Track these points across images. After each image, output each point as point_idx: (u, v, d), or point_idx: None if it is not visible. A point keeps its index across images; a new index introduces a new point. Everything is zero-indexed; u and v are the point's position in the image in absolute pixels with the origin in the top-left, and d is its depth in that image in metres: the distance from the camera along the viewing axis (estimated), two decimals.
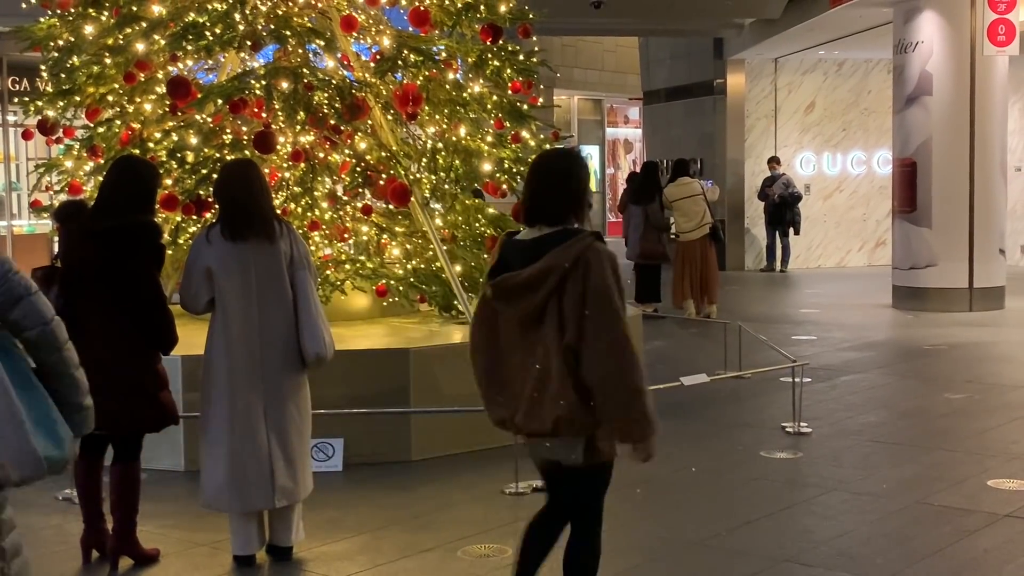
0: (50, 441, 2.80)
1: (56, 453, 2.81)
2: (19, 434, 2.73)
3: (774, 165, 19.19)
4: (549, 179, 3.65)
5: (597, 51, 28.83)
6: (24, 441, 2.73)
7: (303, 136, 7.58)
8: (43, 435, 2.80)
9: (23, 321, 2.89)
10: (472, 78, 8.18)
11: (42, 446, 2.78)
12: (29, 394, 2.80)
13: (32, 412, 2.78)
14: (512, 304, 3.58)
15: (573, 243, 3.50)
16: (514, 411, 3.65)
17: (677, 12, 17.48)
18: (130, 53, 7.54)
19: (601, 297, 3.46)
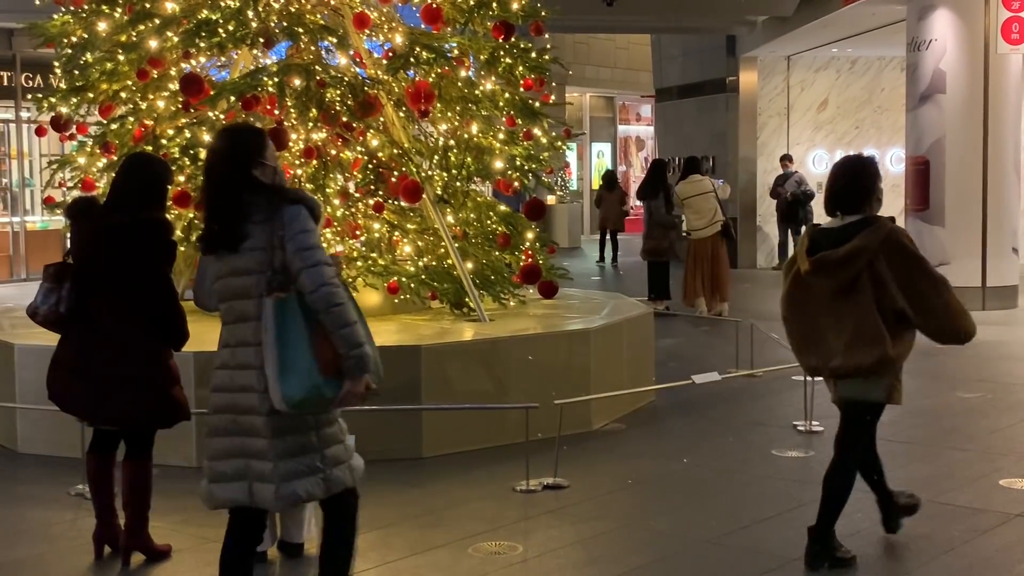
0: (294, 384, 3.48)
1: (295, 394, 3.48)
2: (270, 376, 3.51)
3: (786, 163, 19.15)
4: (847, 178, 4.77)
5: (609, 48, 28.81)
6: (272, 382, 3.50)
7: (315, 133, 7.60)
8: (291, 380, 3.49)
9: (304, 286, 3.56)
10: (484, 75, 8.19)
11: (284, 387, 3.48)
12: (297, 346, 3.51)
13: (289, 361, 3.49)
14: (830, 276, 4.65)
15: (877, 227, 4.61)
16: (827, 360, 4.72)
17: (689, 9, 17.45)
18: (143, 50, 7.56)
19: (918, 266, 4.67)
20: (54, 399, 4.92)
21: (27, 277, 17.04)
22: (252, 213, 3.65)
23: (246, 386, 3.63)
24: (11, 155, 18.18)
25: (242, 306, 3.68)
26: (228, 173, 3.72)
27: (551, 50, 8.53)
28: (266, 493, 3.62)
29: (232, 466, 3.66)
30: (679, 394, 8.11)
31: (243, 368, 3.65)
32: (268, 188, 3.72)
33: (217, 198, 3.75)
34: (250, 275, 3.64)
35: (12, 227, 17.83)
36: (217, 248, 3.72)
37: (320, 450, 3.67)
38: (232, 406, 3.66)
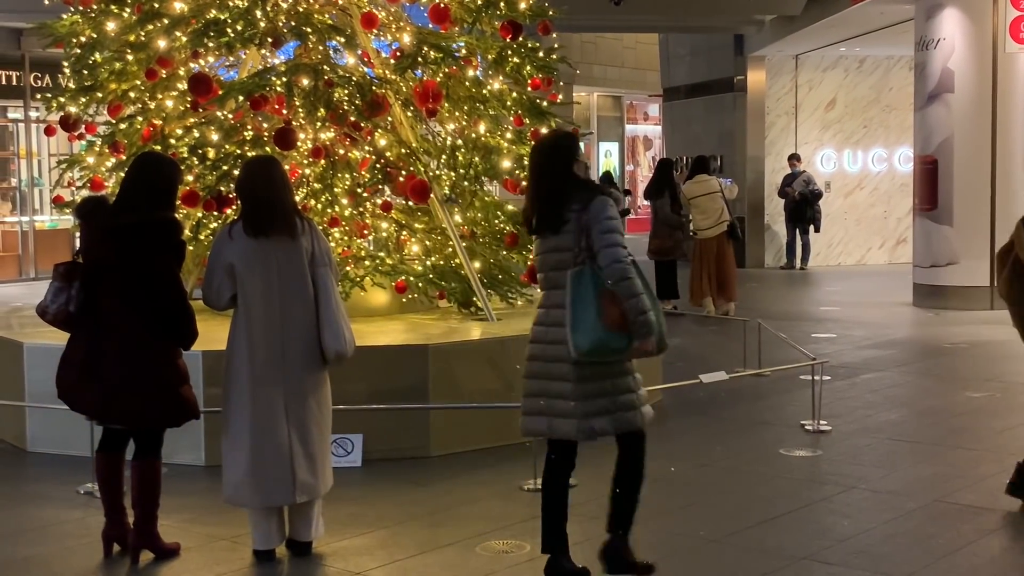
0: (582, 336, 4.32)
1: (583, 345, 4.32)
2: (566, 330, 4.37)
3: (794, 162, 19.13)
4: None
5: (617, 48, 28.80)
6: (567, 335, 4.37)
7: (323, 133, 7.61)
8: (580, 333, 4.33)
9: (602, 261, 4.36)
10: (492, 75, 8.20)
11: (575, 338, 4.34)
12: (586, 307, 4.33)
13: (579, 318, 4.33)
14: None
15: None
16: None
17: (697, 9, 17.45)
18: (152, 50, 7.58)
19: None
20: (63, 398, 4.94)
21: (36, 276, 17.10)
22: (572, 202, 4.45)
23: (556, 340, 4.45)
24: (20, 155, 18.23)
25: (556, 276, 4.50)
26: (557, 170, 4.57)
27: (559, 49, 8.54)
28: (567, 427, 4.49)
29: (537, 405, 4.57)
30: (686, 393, 8.11)
31: (555, 326, 4.47)
32: (583, 182, 4.58)
33: (547, 190, 4.56)
34: (566, 252, 4.46)
35: (21, 226, 17.88)
36: (544, 230, 4.56)
37: (613, 396, 4.49)
38: (543, 355, 4.54)
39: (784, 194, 19.12)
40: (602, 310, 4.33)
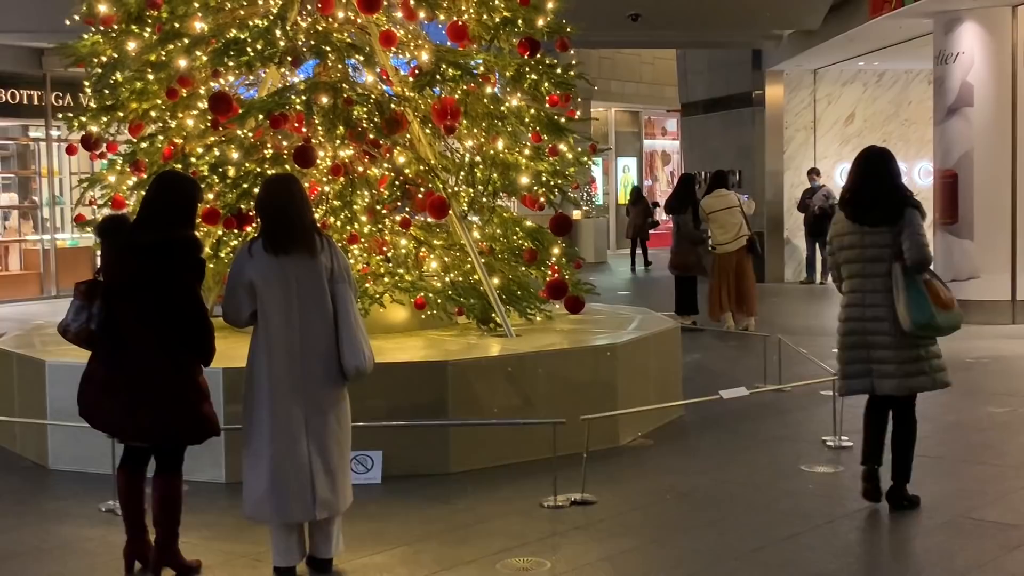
0: (918, 314, 5.58)
1: (919, 320, 5.60)
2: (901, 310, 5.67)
3: (814, 176, 19.09)
4: None
5: (635, 63, 28.83)
6: (904, 314, 5.64)
7: (343, 150, 7.64)
8: (917, 312, 5.62)
9: (910, 257, 5.61)
10: (510, 91, 8.22)
11: (913, 315, 5.61)
12: (918, 291, 5.61)
13: (915, 301, 5.60)
14: None
15: None
16: None
17: (715, 24, 17.45)
18: (172, 69, 7.63)
19: None
20: (84, 415, 4.96)
21: (57, 294, 17.21)
22: (904, 209, 5.69)
23: (877, 317, 5.71)
24: (42, 173, 18.37)
25: (874, 267, 5.71)
26: (895, 176, 5.87)
27: (576, 66, 8.55)
28: (889, 385, 5.74)
29: (859, 369, 5.82)
30: (707, 409, 8.08)
31: (874, 306, 5.72)
32: (901, 195, 5.79)
33: (887, 191, 5.76)
34: (885, 248, 5.67)
35: (42, 245, 18.01)
36: (876, 223, 5.72)
37: (928, 360, 5.75)
38: (863, 330, 5.76)
39: (803, 208, 19.08)
40: (935, 293, 5.62)
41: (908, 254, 5.59)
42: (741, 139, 20.60)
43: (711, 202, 13.05)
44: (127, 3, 7.76)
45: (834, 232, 5.94)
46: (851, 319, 5.84)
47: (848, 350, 5.86)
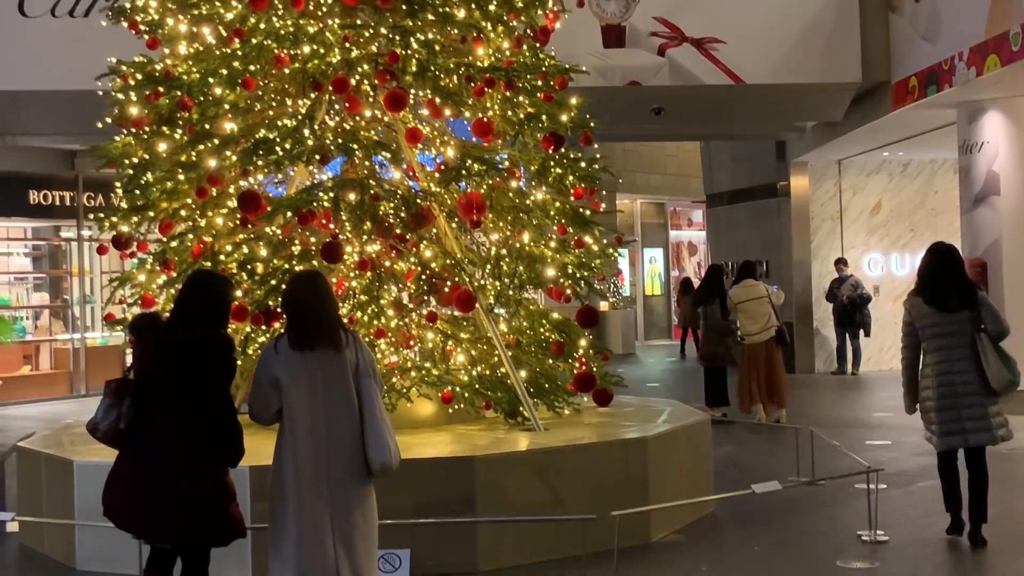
0: (1008, 376, 6.94)
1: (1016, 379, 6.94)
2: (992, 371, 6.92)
3: (841, 266, 19.04)
4: None
5: (659, 155, 29.04)
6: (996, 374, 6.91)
7: (369, 245, 7.69)
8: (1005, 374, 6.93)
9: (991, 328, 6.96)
10: (535, 185, 8.28)
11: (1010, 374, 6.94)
12: (1001, 356, 6.91)
13: (1002, 364, 6.89)
14: None
15: None
16: None
17: (737, 117, 17.60)
18: (202, 169, 7.73)
19: None
20: (110, 516, 4.93)
21: (87, 393, 17.27)
22: (976, 293, 7.05)
23: (966, 381, 6.85)
24: (73, 272, 18.57)
25: (959, 340, 6.87)
26: (962, 274, 7.20)
27: (601, 159, 8.62)
28: (983, 437, 6.88)
29: (953, 427, 6.87)
30: (739, 504, 7.95)
31: (963, 372, 6.86)
32: (971, 282, 7.18)
33: (960, 282, 7.08)
34: (964, 323, 6.91)
35: (72, 344, 18.12)
36: (956, 308, 6.94)
37: (1001, 415, 6.92)
38: (954, 394, 6.85)
39: (832, 298, 19.00)
40: (1009, 358, 6.94)
41: (993, 327, 6.91)
42: (767, 230, 20.61)
43: (739, 292, 13.01)
44: (159, 105, 7.90)
45: (916, 315, 7.06)
46: (943, 385, 6.91)
47: (941, 411, 6.92)
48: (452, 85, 7.89)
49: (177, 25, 8.12)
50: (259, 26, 7.66)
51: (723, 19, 14.17)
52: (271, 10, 7.65)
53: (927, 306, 6.99)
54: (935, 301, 6.97)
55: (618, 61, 14.03)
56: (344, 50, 7.62)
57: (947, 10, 13.10)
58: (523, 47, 8.33)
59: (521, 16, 8.25)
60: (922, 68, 13.65)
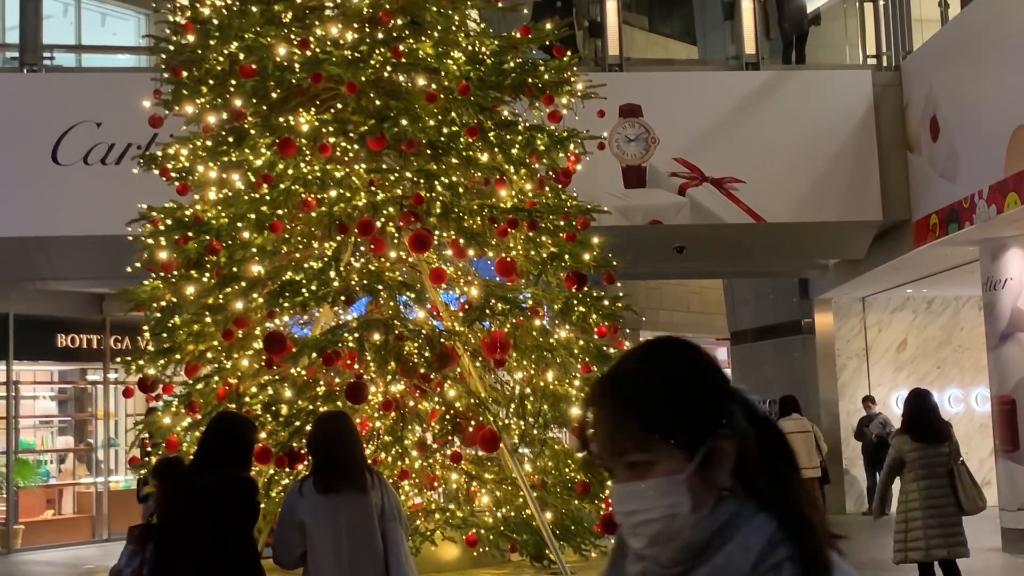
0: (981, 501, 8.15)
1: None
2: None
3: (869, 404, 18.86)
4: None
5: (682, 293, 29.13)
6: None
7: (394, 385, 7.70)
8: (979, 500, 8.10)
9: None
10: (559, 324, 8.31)
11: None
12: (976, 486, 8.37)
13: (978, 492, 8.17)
14: None
15: None
16: None
17: (759, 255, 17.70)
18: (229, 311, 7.80)
19: None
20: None
21: (109, 537, 17.09)
22: (950, 430, 8.19)
23: (947, 504, 7.93)
24: (98, 415, 18.59)
25: (940, 470, 8.00)
26: (939, 415, 8.35)
27: (623, 297, 8.66)
28: (962, 551, 7.87)
29: (939, 542, 7.87)
30: None
31: (943, 496, 7.96)
32: (945, 422, 8.25)
33: (937, 423, 8.28)
34: (944, 455, 7.94)
35: (96, 487, 18.03)
36: (932, 442, 8.06)
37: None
38: (939, 514, 7.91)
39: (861, 436, 18.78)
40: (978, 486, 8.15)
41: (963, 459, 8.25)
42: (792, 367, 20.51)
43: (789, 425, 12.93)
44: (187, 249, 8.03)
45: (901, 448, 8.24)
46: (929, 507, 8.00)
47: (927, 528, 7.98)
48: (476, 226, 8.00)
49: (207, 172, 8.30)
50: (287, 172, 7.83)
51: (742, 159, 14.37)
52: (299, 156, 7.82)
53: (913, 442, 8.23)
54: (921, 437, 8.22)
55: (639, 201, 14.19)
56: (370, 193, 7.76)
57: (965, 149, 13.25)
58: (545, 188, 8.47)
59: (543, 158, 8.41)
60: (942, 206, 13.74)
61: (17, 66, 13.94)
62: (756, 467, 1.81)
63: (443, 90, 8.00)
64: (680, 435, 1.76)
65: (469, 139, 7.94)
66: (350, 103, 8.05)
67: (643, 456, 1.75)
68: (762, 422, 1.89)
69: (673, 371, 1.86)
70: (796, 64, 15.46)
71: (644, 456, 1.75)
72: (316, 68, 7.76)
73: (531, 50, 8.68)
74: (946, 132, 13.55)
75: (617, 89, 12.85)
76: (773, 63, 15.16)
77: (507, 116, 8.44)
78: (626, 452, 1.76)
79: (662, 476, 1.75)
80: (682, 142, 14.34)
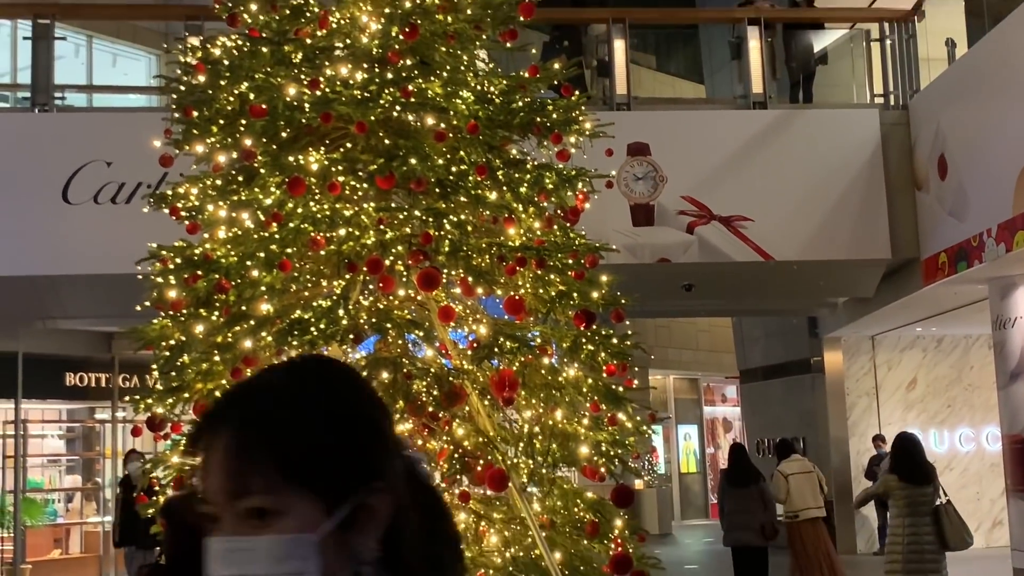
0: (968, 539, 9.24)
1: None
2: None
3: (880, 443, 18.77)
4: None
5: (691, 331, 29.10)
6: None
7: (402, 424, 7.67)
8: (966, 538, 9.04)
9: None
10: (567, 362, 8.28)
11: None
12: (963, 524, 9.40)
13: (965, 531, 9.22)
14: None
15: None
16: None
17: (768, 293, 17.69)
18: (238, 350, 7.80)
19: None
20: None
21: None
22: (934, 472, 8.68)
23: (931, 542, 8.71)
24: (106, 454, 18.57)
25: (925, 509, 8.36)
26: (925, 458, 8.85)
27: (632, 335, 8.64)
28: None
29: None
30: None
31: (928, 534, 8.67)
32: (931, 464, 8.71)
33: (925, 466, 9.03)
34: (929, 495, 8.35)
35: (103, 527, 17.97)
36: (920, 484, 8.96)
37: None
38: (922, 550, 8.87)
39: (871, 476, 18.67)
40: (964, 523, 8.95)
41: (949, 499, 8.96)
42: (802, 405, 20.45)
43: (791, 466, 12.86)
44: (196, 288, 8.03)
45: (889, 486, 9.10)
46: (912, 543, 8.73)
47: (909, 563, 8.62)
48: (484, 264, 8.00)
49: (217, 210, 8.32)
50: (296, 210, 7.85)
51: (750, 197, 14.41)
52: (308, 195, 7.85)
53: (901, 482, 8.97)
54: (908, 478, 8.99)
55: (648, 239, 14.23)
56: (379, 232, 7.78)
57: (973, 187, 13.26)
58: (554, 227, 8.47)
59: (552, 197, 8.41)
60: (951, 244, 13.74)
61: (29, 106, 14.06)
62: (412, 540, 1.43)
63: (452, 129, 8.03)
64: (321, 481, 1.37)
65: (478, 177, 7.95)
66: (359, 142, 8.08)
67: (267, 502, 1.36)
68: (427, 492, 1.54)
69: (326, 399, 1.44)
70: (804, 103, 15.52)
71: (269, 502, 1.36)
72: (326, 107, 7.79)
73: (539, 89, 8.70)
74: (954, 170, 13.58)
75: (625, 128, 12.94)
76: (780, 102, 15.23)
77: (516, 155, 8.46)
78: (245, 494, 1.37)
79: (287, 533, 1.34)
80: (690, 180, 14.40)
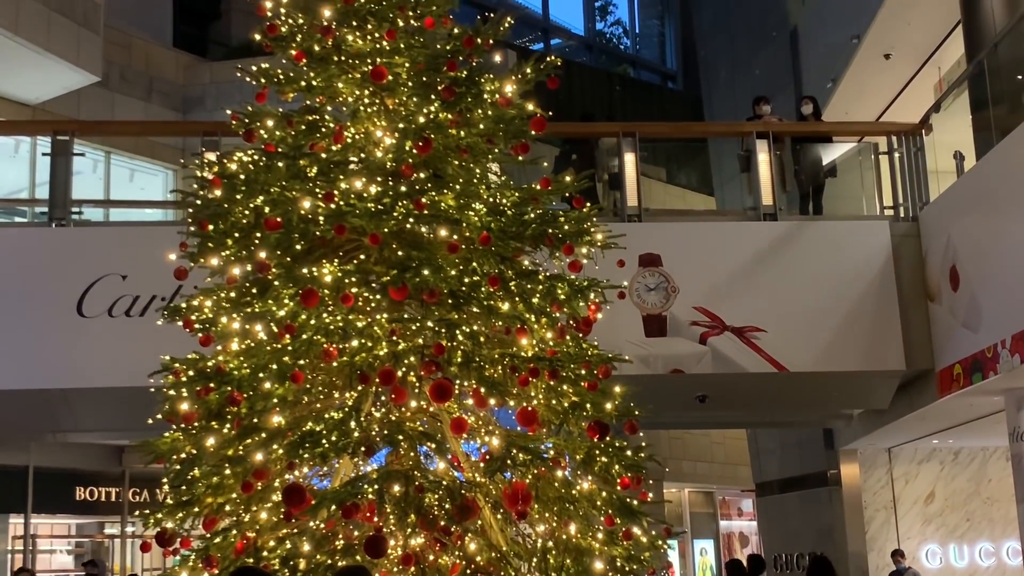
0: None
1: None
2: None
3: (899, 558, 18.43)
4: None
5: (705, 443, 28.84)
6: None
7: (413, 539, 7.57)
8: None
9: None
10: (581, 475, 8.20)
11: None
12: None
13: None
14: None
15: None
16: None
17: (783, 404, 17.57)
18: (249, 463, 7.75)
19: None
20: None
21: None
22: None
23: None
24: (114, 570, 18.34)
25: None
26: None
27: (646, 447, 8.56)
28: None
29: None
30: None
31: None
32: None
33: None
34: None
35: None
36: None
37: None
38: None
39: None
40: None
41: None
42: (820, 519, 20.14)
43: None
44: (208, 400, 8.02)
45: None
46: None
47: None
48: (497, 375, 7.98)
49: (230, 323, 8.35)
50: (309, 322, 7.87)
51: (763, 308, 14.40)
52: (321, 306, 7.87)
53: None
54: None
55: (660, 350, 14.20)
56: (391, 343, 7.78)
57: (986, 298, 13.25)
58: (566, 337, 8.47)
59: (564, 307, 8.43)
60: (965, 356, 13.67)
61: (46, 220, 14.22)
62: None
63: (464, 240, 8.09)
64: None
65: (490, 288, 7.99)
66: (373, 254, 8.14)
67: None
68: None
69: None
70: (814, 215, 15.63)
71: None
72: (340, 220, 7.87)
73: (551, 201, 8.79)
74: (966, 282, 13.59)
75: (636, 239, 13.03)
76: (791, 214, 15.33)
77: (528, 266, 8.50)
78: None
79: None
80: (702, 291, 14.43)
